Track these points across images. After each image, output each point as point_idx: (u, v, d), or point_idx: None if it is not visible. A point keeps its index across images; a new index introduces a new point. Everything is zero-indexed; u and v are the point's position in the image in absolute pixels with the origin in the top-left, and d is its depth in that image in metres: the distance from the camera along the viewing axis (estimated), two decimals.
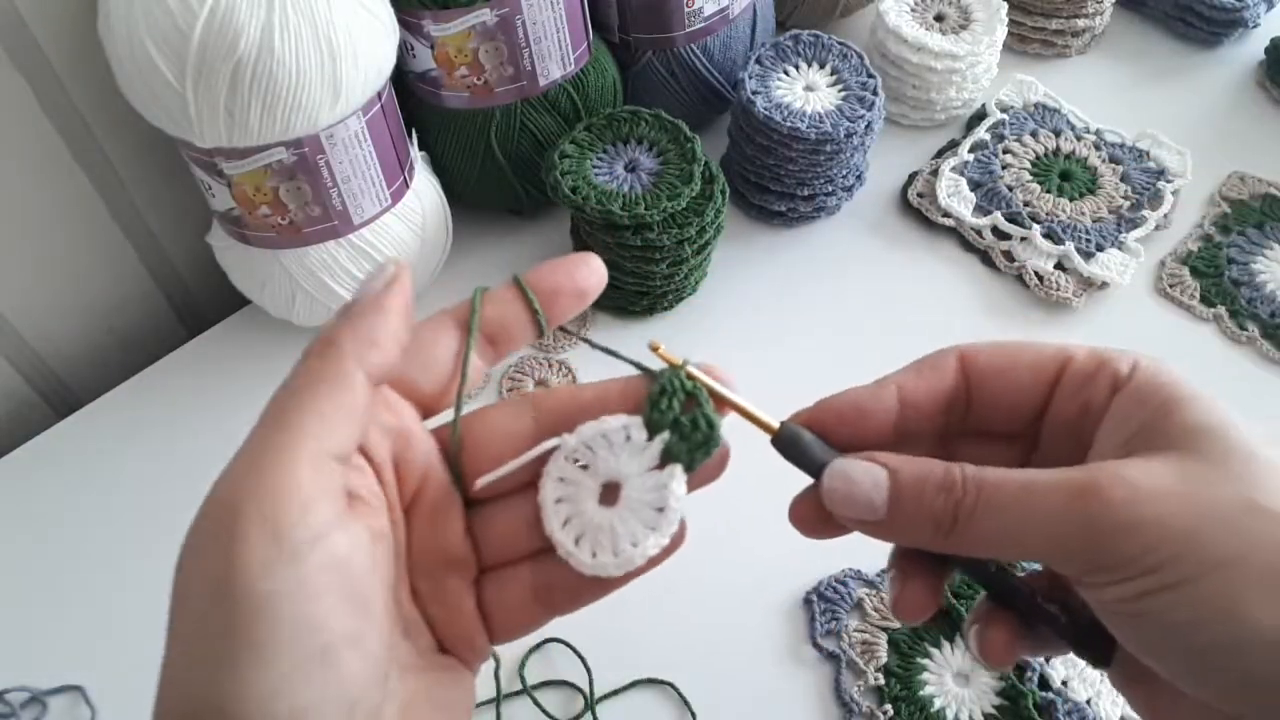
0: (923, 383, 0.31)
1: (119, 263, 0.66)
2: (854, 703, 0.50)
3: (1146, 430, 0.27)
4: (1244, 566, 0.24)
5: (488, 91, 0.61)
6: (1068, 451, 0.30)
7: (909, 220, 0.71)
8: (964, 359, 0.31)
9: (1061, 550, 0.26)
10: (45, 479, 0.60)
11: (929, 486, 0.28)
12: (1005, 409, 0.31)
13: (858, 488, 0.28)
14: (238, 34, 0.47)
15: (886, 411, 0.30)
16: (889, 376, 0.31)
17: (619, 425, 0.29)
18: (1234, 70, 0.80)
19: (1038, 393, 0.30)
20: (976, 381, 0.31)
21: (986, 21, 0.72)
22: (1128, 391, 0.28)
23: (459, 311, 0.29)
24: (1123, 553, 0.25)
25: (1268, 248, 0.68)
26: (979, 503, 0.27)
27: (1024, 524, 0.26)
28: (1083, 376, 0.29)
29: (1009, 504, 0.27)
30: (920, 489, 0.28)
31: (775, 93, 0.65)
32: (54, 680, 0.52)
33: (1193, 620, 0.25)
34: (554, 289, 0.29)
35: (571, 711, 0.51)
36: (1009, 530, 0.27)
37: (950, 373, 0.31)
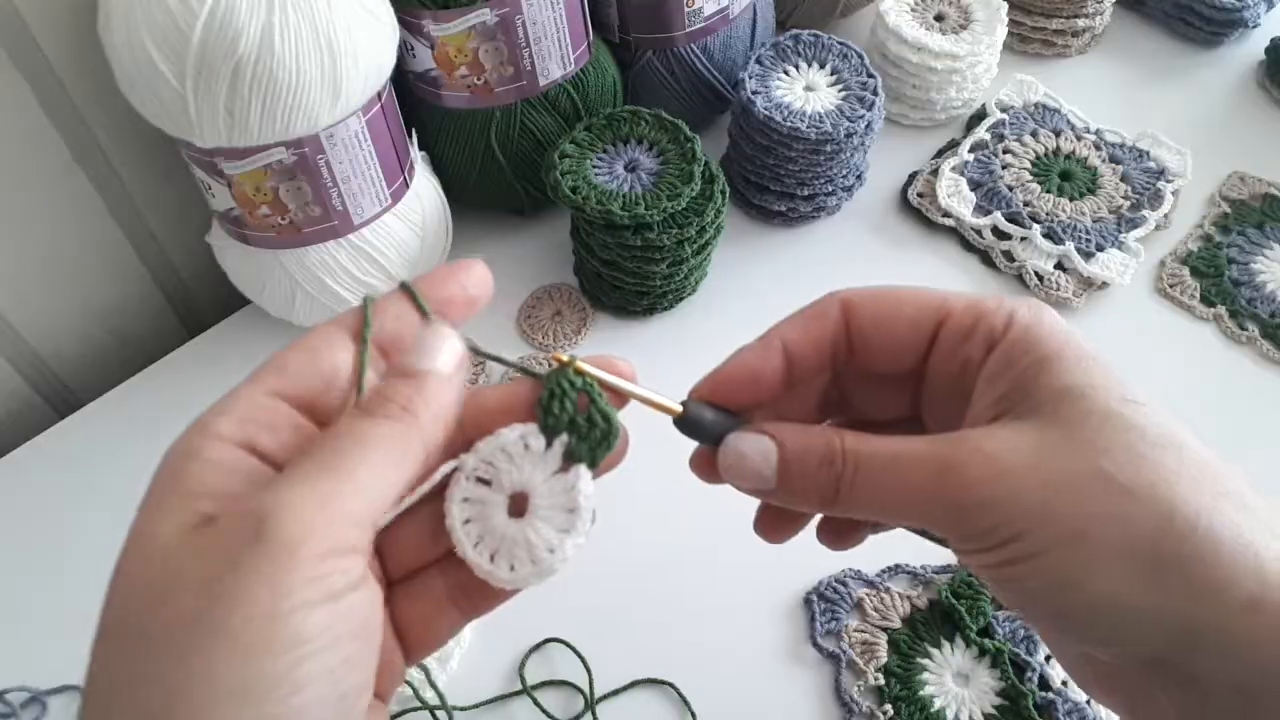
0: (807, 334, 0.32)
1: (119, 263, 0.66)
2: (854, 703, 0.50)
3: (1014, 392, 0.28)
4: (1086, 541, 0.26)
5: (488, 91, 0.61)
6: (950, 401, 0.31)
7: (909, 220, 0.71)
8: (846, 306, 0.32)
9: (930, 520, 0.28)
10: (45, 479, 0.60)
11: (811, 459, 0.29)
12: (886, 359, 0.32)
13: (749, 461, 0.30)
14: (238, 34, 0.47)
15: (774, 370, 0.31)
16: (773, 330, 0.32)
17: (515, 436, 0.29)
18: (1234, 70, 0.80)
19: (917, 345, 0.31)
20: (857, 331, 0.31)
21: (986, 21, 0.72)
22: (1001, 349, 0.29)
23: (350, 321, 0.28)
24: (979, 527, 0.27)
25: (1268, 248, 0.68)
26: (856, 475, 0.29)
27: (895, 497, 0.28)
28: (960, 332, 0.30)
29: (880, 477, 0.28)
30: (804, 462, 0.29)
31: (775, 93, 0.65)
32: (54, 680, 0.52)
33: (1045, 588, 0.27)
34: (446, 298, 0.29)
35: (571, 711, 0.51)
36: (882, 501, 0.29)
37: (833, 321, 0.32)
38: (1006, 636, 0.51)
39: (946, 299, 0.31)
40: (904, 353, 0.31)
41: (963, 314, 0.30)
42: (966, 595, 0.52)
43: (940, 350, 0.31)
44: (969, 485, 0.27)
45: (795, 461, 0.29)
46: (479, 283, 0.29)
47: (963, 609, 0.52)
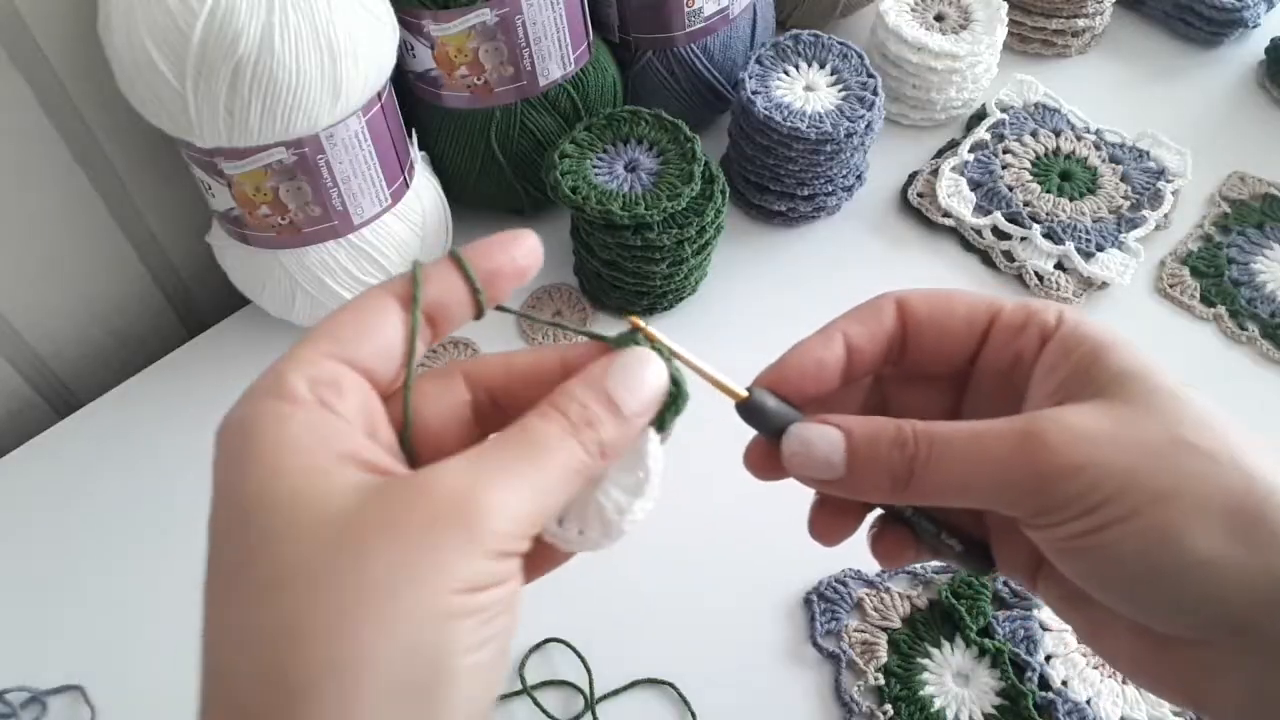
0: (865, 329, 0.32)
1: (119, 263, 0.66)
2: (854, 703, 0.50)
3: (1075, 377, 0.29)
4: (1178, 499, 0.26)
5: (488, 91, 0.61)
6: (997, 397, 0.32)
7: (909, 220, 0.71)
8: (901, 305, 0.32)
9: (1010, 495, 0.28)
10: (45, 479, 0.60)
11: (883, 443, 0.29)
12: (939, 356, 0.32)
13: (816, 449, 0.30)
14: (238, 34, 0.47)
15: (837, 360, 0.32)
16: (833, 324, 0.32)
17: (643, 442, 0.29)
18: (1234, 70, 0.80)
19: (970, 342, 0.32)
20: (913, 329, 0.32)
21: (986, 21, 0.72)
22: (1056, 341, 0.30)
23: (397, 288, 0.27)
24: (1067, 493, 0.27)
25: (1268, 248, 0.68)
26: (931, 455, 0.28)
27: (974, 473, 0.28)
28: (1012, 328, 0.31)
29: (959, 455, 0.28)
30: (875, 446, 0.29)
31: (775, 93, 0.65)
32: (54, 680, 0.52)
33: (1136, 550, 0.27)
34: (494, 269, 0.28)
35: (571, 711, 0.51)
36: (960, 479, 0.28)
37: (889, 319, 0.32)
38: (1006, 636, 0.51)
39: (995, 299, 0.32)
40: (957, 350, 0.32)
41: (1013, 311, 0.31)
42: (966, 595, 0.52)
43: (993, 346, 0.31)
44: (1055, 451, 0.27)
45: (865, 446, 0.29)
46: (528, 253, 0.28)
47: (963, 609, 0.52)
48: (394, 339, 0.27)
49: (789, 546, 0.55)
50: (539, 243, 0.29)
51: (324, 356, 0.26)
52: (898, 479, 0.29)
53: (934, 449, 0.28)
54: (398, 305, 0.27)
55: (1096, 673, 0.50)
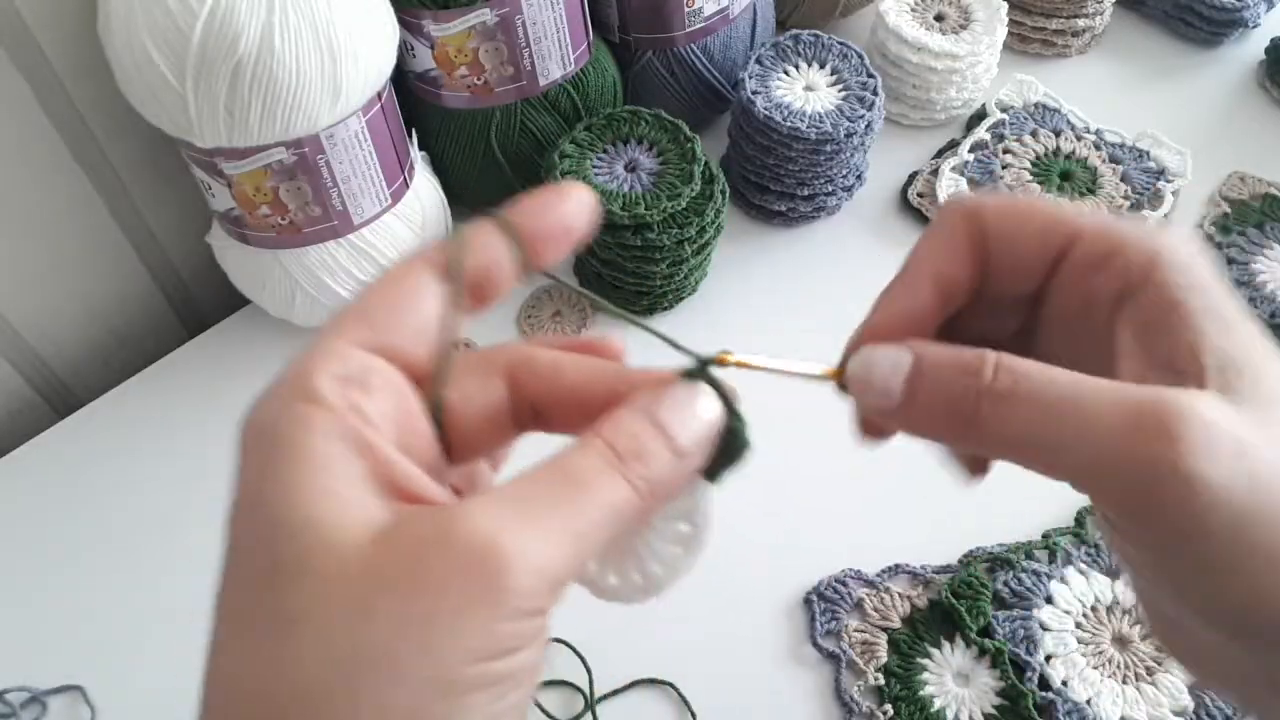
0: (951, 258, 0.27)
1: (119, 263, 0.66)
2: (854, 703, 0.50)
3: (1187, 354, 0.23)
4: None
5: (488, 91, 0.61)
6: (1074, 338, 0.27)
7: (909, 220, 0.71)
8: (971, 220, 0.27)
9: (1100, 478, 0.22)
10: (45, 479, 0.60)
11: (950, 369, 0.24)
12: (1007, 278, 0.27)
13: (876, 370, 0.25)
14: (238, 34, 0.47)
15: (928, 310, 0.27)
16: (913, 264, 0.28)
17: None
18: (1234, 70, 0.80)
19: (1041, 265, 0.26)
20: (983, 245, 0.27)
21: (986, 21, 0.72)
22: (1155, 294, 0.24)
23: (435, 258, 0.24)
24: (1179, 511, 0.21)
25: (1268, 248, 0.68)
26: (1012, 391, 0.23)
27: (1064, 434, 0.22)
28: (1089, 261, 0.25)
29: (1051, 402, 0.22)
30: (940, 370, 0.24)
31: (775, 93, 0.65)
32: (54, 680, 0.52)
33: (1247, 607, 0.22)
34: (541, 231, 0.25)
35: (571, 711, 0.51)
36: (1044, 434, 0.23)
37: (964, 236, 0.27)
38: (1006, 636, 0.51)
39: (1078, 218, 0.26)
40: (1027, 272, 0.27)
41: (1095, 238, 0.25)
42: (966, 595, 0.52)
43: (1064, 277, 0.26)
44: (1186, 450, 0.21)
45: (931, 370, 0.24)
46: (579, 208, 0.25)
47: (963, 609, 0.52)
48: (431, 316, 0.24)
49: (789, 546, 0.55)
50: (590, 195, 0.26)
51: (354, 346, 0.23)
52: (960, 413, 0.24)
53: (1018, 386, 0.23)
54: (434, 277, 0.24)
55: (1096, 673, 0.50)
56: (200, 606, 0.23)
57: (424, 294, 0.24)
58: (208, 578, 0.22)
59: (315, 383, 0.22)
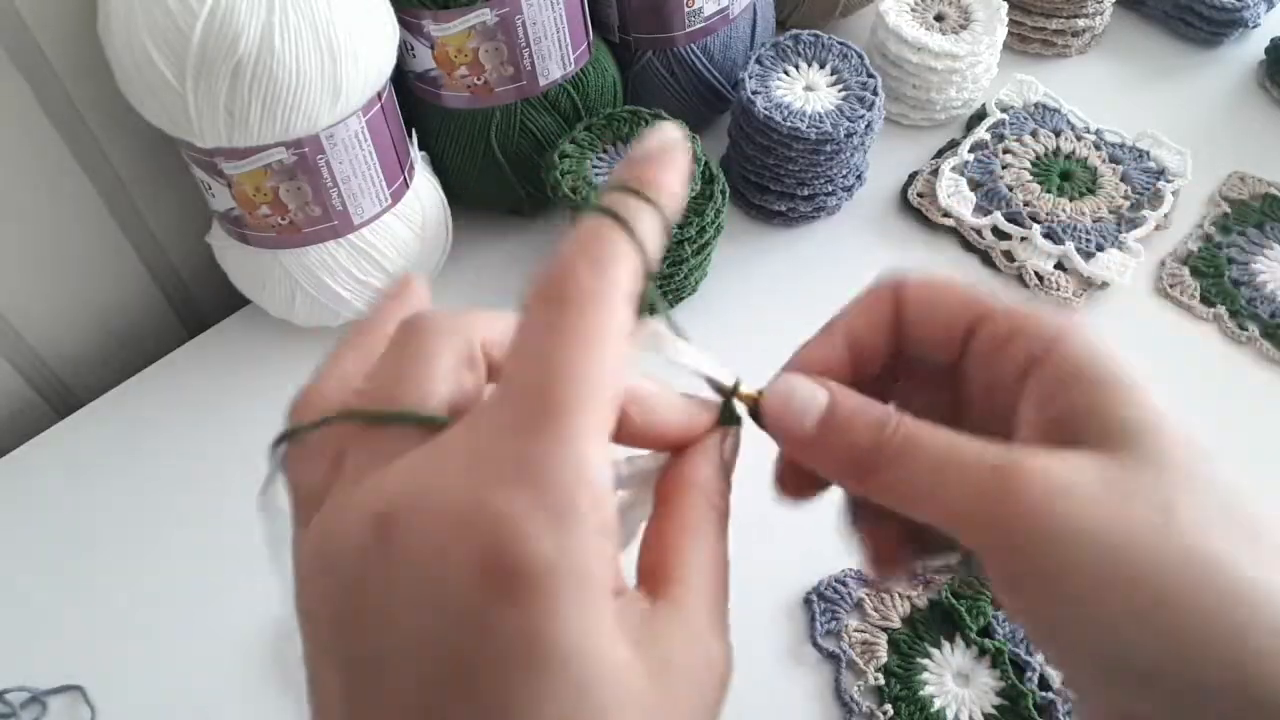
0: (865, 320, 0.30)
1: (119, 263, 0.66)
2: (854, 703, 0.50)
3: (1071, 419, 0.25)
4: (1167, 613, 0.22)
5: (488, 91, 0.61)
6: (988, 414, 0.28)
7: (909, 220, 0.71)
8: (897, 290, 0.29)
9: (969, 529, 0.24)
10: (45, 479, 0.60)
11: (861, 418, 0.26)
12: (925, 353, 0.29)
13: (795, 400, 0.27)
14: (238, 34, 0.47)
15: (841, 361, 0.30)
16: (834, 320, 0.31)
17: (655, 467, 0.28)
18: (1234, 70, 0.80)
19: (951, 342, 0.28)
20: (903, 315, 0.29)
21: (986, 21, 0.72)
22: (1051, 370, 0.26)
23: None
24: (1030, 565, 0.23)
25: (1268, 248, 0.68)
26: (903, 450, 0.25)
27: (937, 487, 0.24)
28: (995, 339, 0.27)
29: (930, 461, 0.25)
30: (852, 419, 0.26)
31: (775, 93, 0.65)
32: (54, 680, 0.52)
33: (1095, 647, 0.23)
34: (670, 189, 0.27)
35: None
36: (922, 488, 0.25)
37: (887, 305, 0.29)
38: (1006, 636, 0.51)
39: (987, 300, 0.28)
40: (940, 346, 0.29)
41: (1001, 320, 0.27)
42: (966, 595, 0.52)
43: (974, 354, 0.28)
44: (1029, 509, 0.23)
45: (844, 415, 0.27)
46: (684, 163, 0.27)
47: (963, 609, 0.52)
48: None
49: (789, 546, 0.55)
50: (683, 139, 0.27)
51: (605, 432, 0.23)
52: (861, 462, 0.26)
53: (907, 444, 0.25)
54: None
55: None
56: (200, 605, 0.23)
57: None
58: (208, 577, 0.22)
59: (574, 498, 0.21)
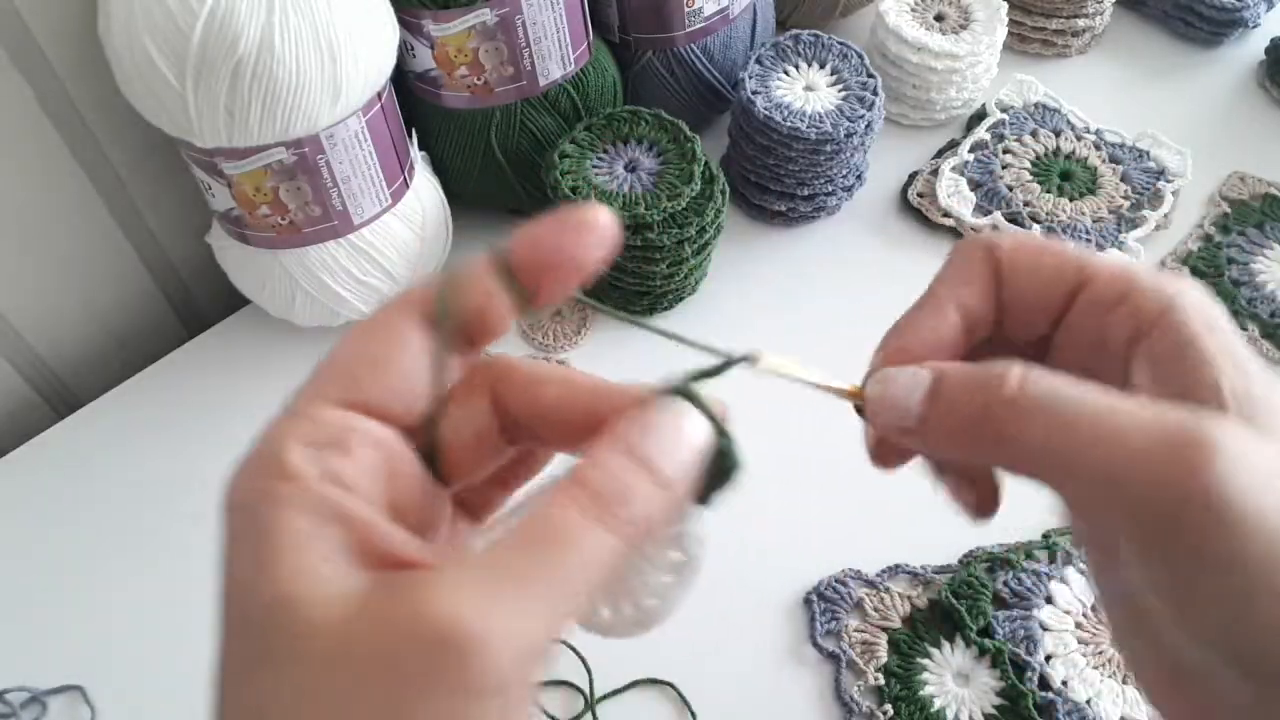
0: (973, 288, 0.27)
1: (119, 263, 0.66)
2: (854, 703, 0.50)
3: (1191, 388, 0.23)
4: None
5: (488, 91, 0.61)
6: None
7: (909, 220, 0.71)
8: (991, 252, 0.27)
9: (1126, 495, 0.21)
10: (45, 479, 0.60)
11: (973, 382, 0.24)
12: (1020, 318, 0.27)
13: (894, 386, 0.25)
14: (238, 34, 0.47)
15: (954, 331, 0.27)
16: (936, 289, 0.27)
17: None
18: (1234, 70, 0.80)
19: (1052, 306, 0.26)
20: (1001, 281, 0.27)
21: (986, 21, 0.72)
22: (1163, 338, 0.24)
23: (421, 304, 0.23)
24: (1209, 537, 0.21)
25: (1268, 248, 0.68)
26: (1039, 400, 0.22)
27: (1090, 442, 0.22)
28: (1102, 303, 0.25)
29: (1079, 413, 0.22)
30: (962, 386, 0.24)
31: (775, 93, 0.65)
32: (54, 680, 0.52)
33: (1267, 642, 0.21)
34: (550, 265, 0.23)
35: (571, 711, 0.51)
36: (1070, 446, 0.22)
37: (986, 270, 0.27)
38: (1006, 636, 0.51)
39: (1090, 260, 0.26)
40: (1041, 310, 0.26)
41: (1109, 281, 0.25)
42: (966, 595, 0.52)
43: (1076, 318, 0.26)
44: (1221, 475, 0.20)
45: (953, 386, 0.24)
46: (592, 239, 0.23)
47: (963, 609, 0.52)
48: (415, 364, 0.23)
49: (789, 546, 0.55)
50: (609, 219, 0.23)
51: (331, 405, 0.22)
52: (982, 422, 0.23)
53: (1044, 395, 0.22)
54: (418, 324, 0.23)
55: (1097, 673, 0.50)
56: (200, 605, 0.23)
57: (405, 342, 0.23)
58: (208, 577, 0.22)
59: (285, 454, 0.21)
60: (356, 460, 0.22)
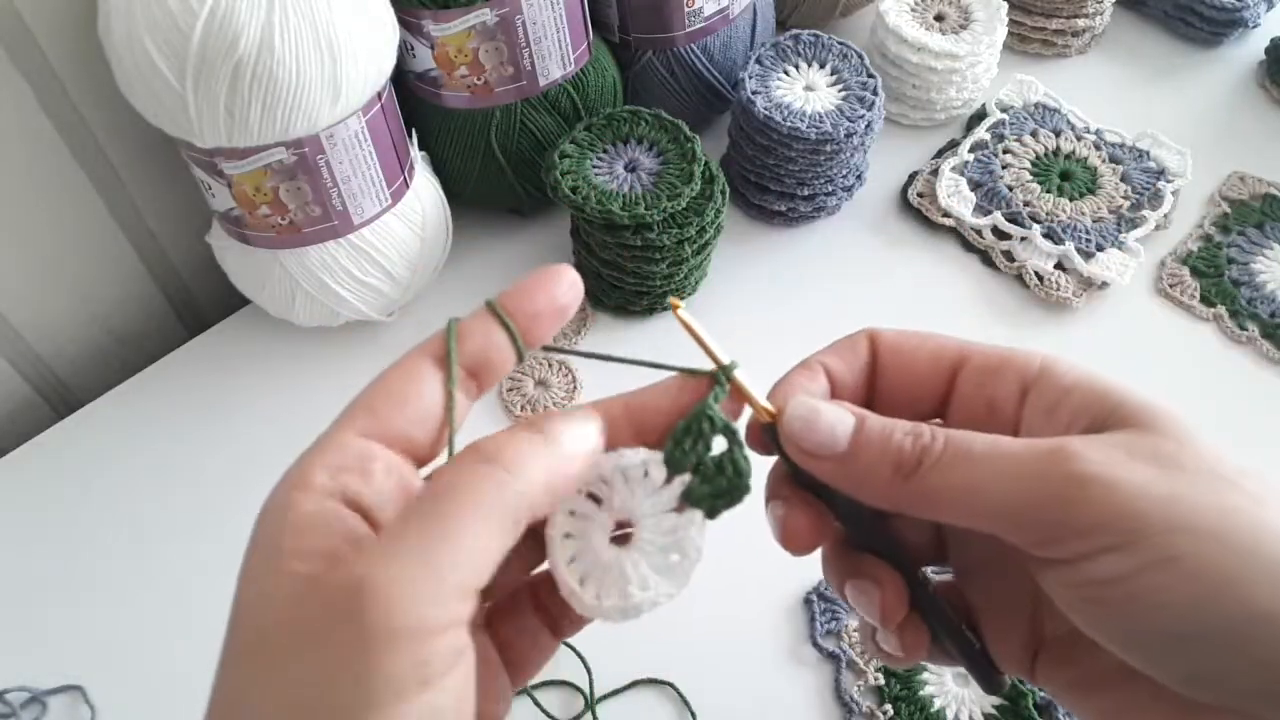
0: (842, 362, 0.30)
1: (119, 263, 0.66)
2: (854, 703, 0.50)
3: (1085, 413, 0.27)
4: (1231, 540, 0.23)
5: (488, 91, 0.61)
6: None
7: (909, 220, 0.71)
8: (873, 340, 0.31)
9: (1031, 512, 0.25)
10: (45, 479, 0.60)
11: (896, 430, 0.27)
12: (906, 396, 0.30)
13: (823, 418, 0.28)
14: (238, 34, 0.47)
15: (823, 393, 0.30)
16: (813, 357, 0.31)
17: (638, 461, 0.27)
18: (1234, 70, 0.80)
19: (935, 383, 0.30)
20: (880, 364, 0.30)
21: (986, 21, 0.72)
22: (1046, 383, 0.28)
23: (434, 348, 0.27)
24: (1100, 514, 0.24)
25: (1268, 248, 0.68)
26: (946, 451, 0.26)
27: (992, 478, 0.25)
28: (985, 371, 0.29)
29: (978, 457, 0.26)
30: (886, 431, 0.27)
31: (775, 93, 0.65)
32: (54, 680, 0.52)
33: (1185, 600, 0.23)
34: (533, 312, 0.27)
35: (571, 711, 0.51)
36: (975, 483, 0.26)
37: (863, 352, 0.31)
38: None
39: (966, 342, 0.30)
40: (922, 392, 0.30)
41: (986, 355, 0.29)
42: None
43: (963, 390, 0.29)
44: (1088, 464, 0.24)
45: (876, 428, 0.27)
46: (569, 290, 0.28)
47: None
48: (432, 402, 0.26)
49: None
50: (578, 277, 0.28)
51: (357, 435, 0.25)
52: (903, 466, 0.26)
53: (950, 446, 0.26)
54: (434, 366, 0.26)
55: None
56: (200, 605, 0.24)
57: (424, 382, 0.26)
58: (208, 577, 0.23)
59: (310, 473, 0.24)
60: (373, 483, 0.25)
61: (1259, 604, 0.23)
